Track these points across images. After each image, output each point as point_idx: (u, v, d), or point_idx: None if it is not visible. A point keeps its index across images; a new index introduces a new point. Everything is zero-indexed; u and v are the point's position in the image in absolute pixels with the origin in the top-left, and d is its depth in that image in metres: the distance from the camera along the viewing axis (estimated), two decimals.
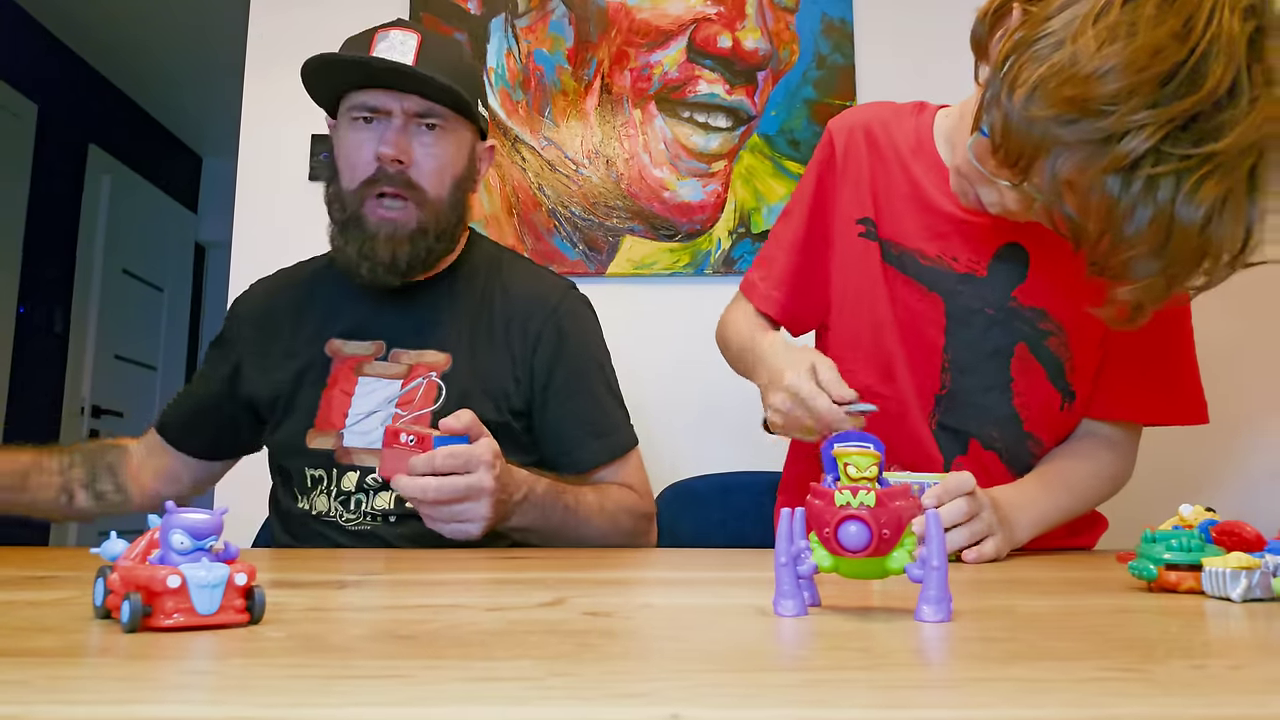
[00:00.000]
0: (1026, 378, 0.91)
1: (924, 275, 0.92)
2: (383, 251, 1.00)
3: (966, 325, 0.91)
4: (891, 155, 0.96)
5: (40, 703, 0.26)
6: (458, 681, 0.29)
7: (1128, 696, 0.28)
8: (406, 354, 1.05)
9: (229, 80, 2.43)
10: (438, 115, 1.02)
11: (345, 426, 1.03)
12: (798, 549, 0.43)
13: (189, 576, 0.37)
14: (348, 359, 1.06)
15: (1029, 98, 0.67)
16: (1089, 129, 0.65)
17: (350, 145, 1.02)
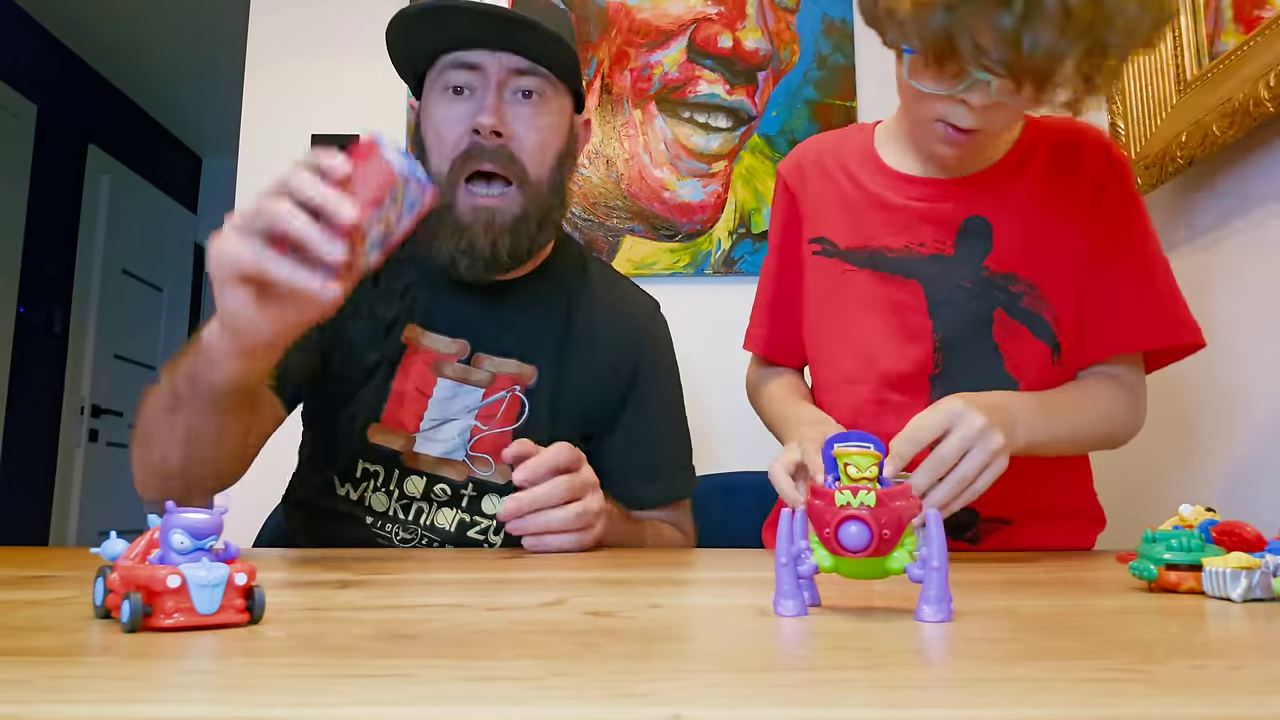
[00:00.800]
0: (1011, 340, 0.93)
1: (897, 266, 0.95)
2: (482, 243, 0.90)
3: (948, 303, 0.93)
4: (840, 173, 1.01)
5: (40, 702, 0.26)
6: (458, 681, 0.29)
7: (1128, 697, 0.28)
8: (490, 360, 0.96)
9: (229, 80, 2.43)
10: (539, 77, 0.91)
11: (419, 430, 0.95)
12: (798, 549, 0.43)
13: (189, 576, 0.37)
14: (424, 353, 0.96)
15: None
16: None
17: (439, 119, 0.91)
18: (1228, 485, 1.12)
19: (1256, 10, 1.06)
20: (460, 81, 0.91)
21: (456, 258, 0.91)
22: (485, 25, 0.88)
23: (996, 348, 0.93)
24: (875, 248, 0.96)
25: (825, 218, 1.00)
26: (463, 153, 0.90)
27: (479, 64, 0.90)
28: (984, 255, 0.93)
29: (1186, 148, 1.15)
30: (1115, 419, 0.94)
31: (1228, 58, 1.10)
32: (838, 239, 0.99)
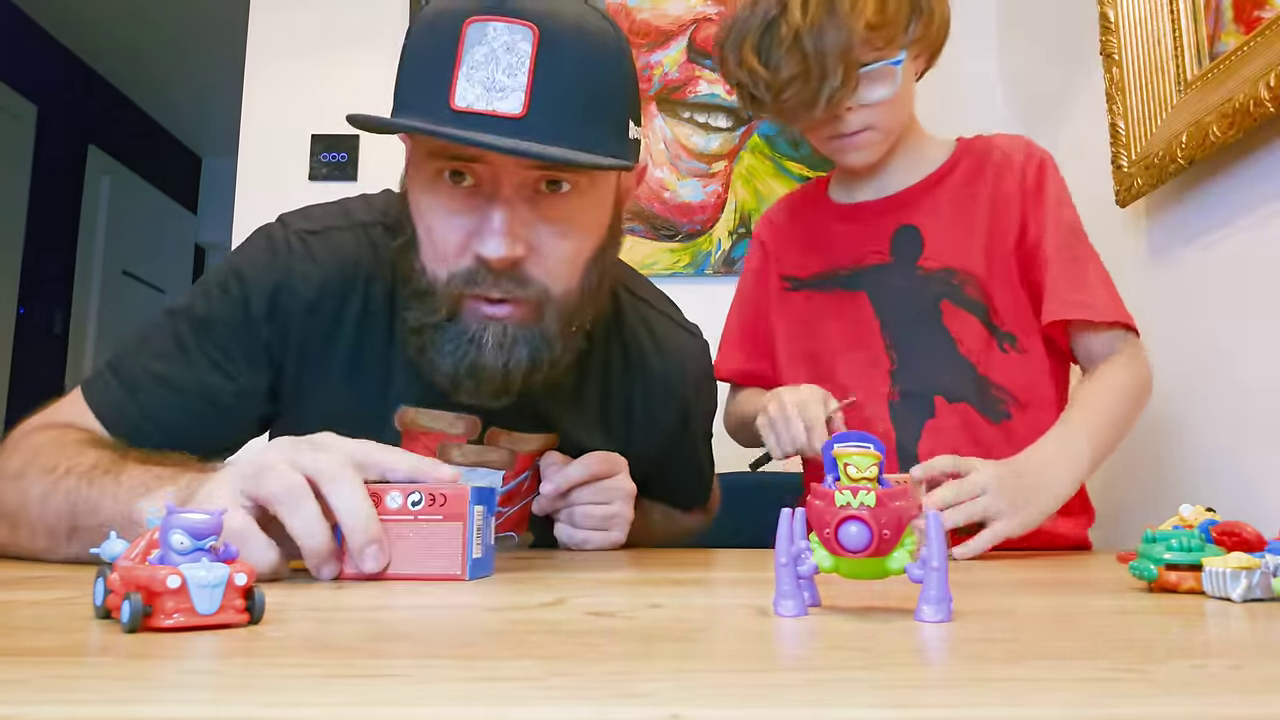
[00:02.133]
0: (960, 326, 1.01)
1: (847, 281, 1.07)
2: (491, 363, 0.71)
3: (892, 305, 1.04)
4: (797, 218, 1.16)
5: (40, 703, 0.26)
6: (458, 681, 0.29)
7: (1128, 697, 0.28)
8: (509, 436, 0.81)
9: (228, 81, 2.43)
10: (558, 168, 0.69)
11: None
12: (798, 549, 0.43)
13: (189, 576, 0.37)
14: (425, 436, 0.79)
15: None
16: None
17: (431, 215, 0.71)
18: (1228, 485, 1.12)
19: (1257, 11, 1.06)
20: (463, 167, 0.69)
21: (460, 379, 0.72)
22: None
23: (947, 331, 1.01)
24: (830, 269, 1.09)
25: (789, 258, 1.14)
26: (464, 273, 0.70)
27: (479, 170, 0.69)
28: (916, 257, 1.04)
29: (1186, 148, 1.15)
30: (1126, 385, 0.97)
31: (1228, 58, 1.10)
32: (800, 272, 1.12)
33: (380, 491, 0.58)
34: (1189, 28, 1.19)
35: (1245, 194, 1.10)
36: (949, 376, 1.01)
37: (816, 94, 0.93)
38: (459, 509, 0.59)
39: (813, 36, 0.91)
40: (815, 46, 0.91)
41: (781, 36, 0.93)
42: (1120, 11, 1.32)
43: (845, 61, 0.92)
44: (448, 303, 0.71)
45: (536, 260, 0.70)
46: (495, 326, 0.71)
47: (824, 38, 0.91)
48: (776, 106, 0.97)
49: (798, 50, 0.92)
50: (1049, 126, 1.64)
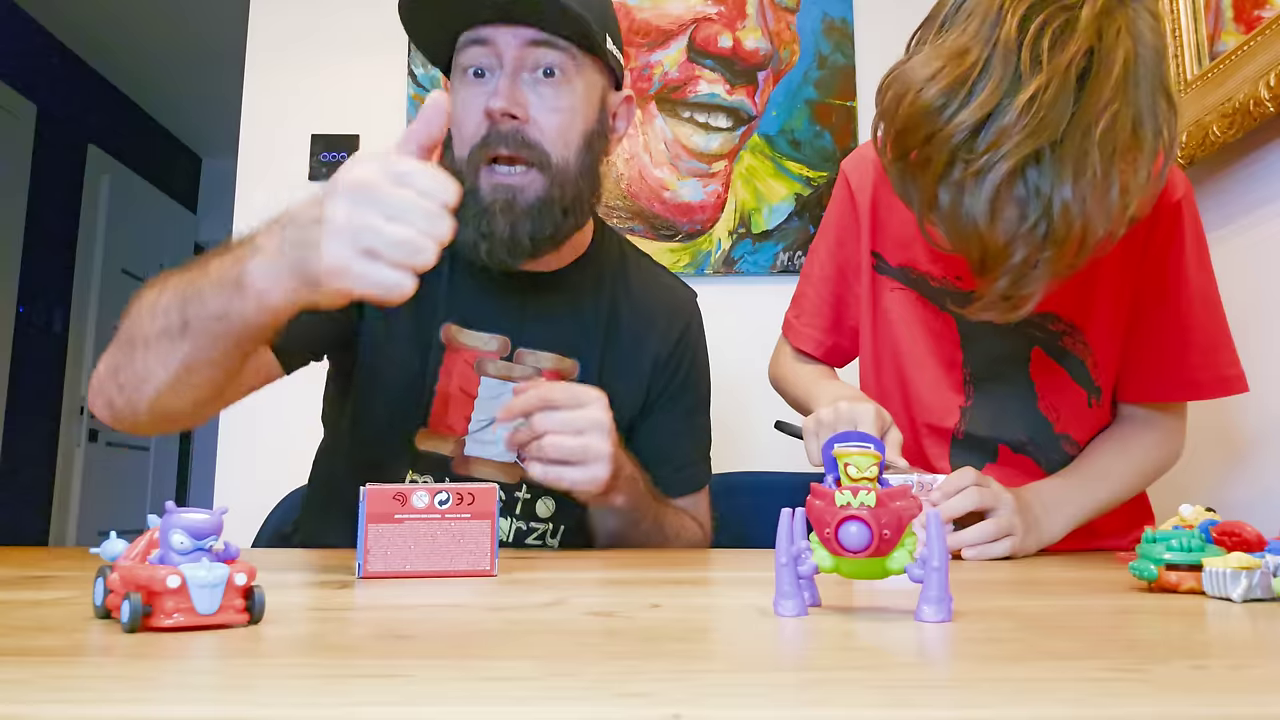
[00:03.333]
0: (1048, 379, 0.92)
1: (935, 297, 0.95)
2: (500, 226, 0.84)
3: (980, 341, 0.93)
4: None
5: (41, 702, 0.26)
6: (458, 682, 0.29)
7: (1129, 697, 0.28)
8: (533, 354, 0.93)
9: (229, 80, 2.43)
10: (559, 51, 0.85)
11: (468, 433, 0.91)
12: (798, 549, 0.43)
13: (189, 576, 0.37)
14: (465, 351, 0.92)
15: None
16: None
17: (458, 104, 0.87)
18: (1228, 485, 1.12)
19: (1256, 10, 1.06)
20: (478, 62, 0.86)
21: (477, 242, 0.85)
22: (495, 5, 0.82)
23: (1032, 386, 0.93)
24: (920, 272, 0.96)
25: (881, 232, 0.98)
26: (481, 139, 0.85)
27: (492, 40, 0.85)
28: None
29: (1187, 148, 1.15)
30: (1152, 466, 0.95)
31: (1228, 58, 1.10)
32: (889, 255, 0.98)
33: (407, 491, 0.60)
34: (1189, 27, 1.19)
35: (1245, 193, 1.10)
36: (1022, 429, 0.93)
37: (1036, 286, 0.72)
38: (487, 506, 0.60)
39: (1072, 202, 0.67)
40: (1076, 216, 0.67)
41: (1037, 186, 0.67)
42: None
43: (1079, 248, 0.70)
44: (468, 175, 0.85)
45: (535, 127, 0.85)
46: (504, 193, 0.85)
47: (1090, 220, 0.68)
48: (978, 267, 0.74)
49: (1047, 217, 0.68)
50: None
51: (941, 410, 0.95)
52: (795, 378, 1.04)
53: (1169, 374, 0.92)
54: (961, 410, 0.95)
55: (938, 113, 0.69)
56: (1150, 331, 0.91)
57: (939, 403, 0.95)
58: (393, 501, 0.60)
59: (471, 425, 0.92)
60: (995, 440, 0.94)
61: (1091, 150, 0.66)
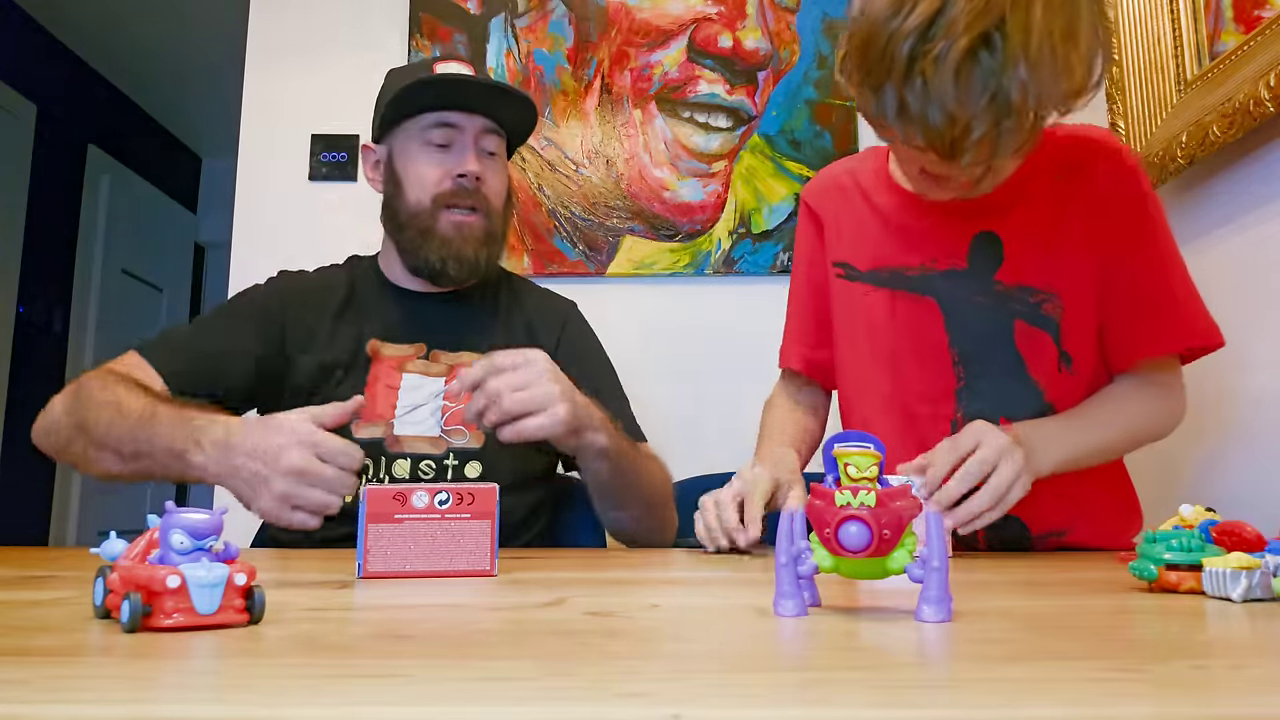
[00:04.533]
0: (1033, 347, 0.94)
1: (914, 284, 0.98)
2: (467, 252, 1.11)
3: (964, 319, 0.95)
4: (859, 196, 1.04)
5: (40, 702, 0.26)
6: (458, 681, 0.29)
7: (1128, 696, 0.28)
8: (445, 355, 1.13)
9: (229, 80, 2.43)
10: (499, 137, 1.15)
11: (395, 416, 1.08)
12: (798, 549, 0.43)
13: (189, 576, 0.37)
14: (388, 359, 1.12)
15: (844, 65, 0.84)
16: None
17: (423, 163, 1.12)
18: (1228, 485, 1.12)
19: (1257, 10, 1.06)
20: (441, 139, 1.12)
21: (447, 263, 1.11)
22: (473, 95, 1.10)
23: (1019, 356, 0.94)
24: (893, 267, 0.99)
25: (845, 241, 1.04)
26: (448, 191, 1.11)
27: (459, 124, 1.12)
28: (995, 269, 0.95)
29: (1187, 148, 1.15)
30: (1150, 418, 0.96)
31: (1228, 58, 1.10)
32: (857, 262, 1.02)
33: (407, 492, 0.60)
34: (1189, 27, 1.19)
35: (1245, 193, 1.10)
36: (1017, 400, 0.94)
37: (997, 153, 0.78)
38: (488, 506, 0.61)
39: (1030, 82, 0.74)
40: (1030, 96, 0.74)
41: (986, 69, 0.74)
42: (1120, 11, 1.32)
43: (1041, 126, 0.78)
44: (430, 218, 1.11)
45: (487, 186, 1.13)
46: (465, 229, 1.12)
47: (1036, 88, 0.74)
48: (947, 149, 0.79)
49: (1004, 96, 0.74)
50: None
51: (937, 397, 0.96)
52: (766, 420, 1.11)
53: (1152, 327, 0.94)
54: (956, 393, 0.96)
55: (890, 20, 0.77)
56: (1127, 290, 0.94)
57: (934, 390, 0.97)
58: (392, 501, 0.60)
59: (398, 410, 1.08)
60: (995, 416, 0.93)
61: (1035, 30, 0.74)
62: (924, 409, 0.97)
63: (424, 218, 1.11)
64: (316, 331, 1.13)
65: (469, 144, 1.12)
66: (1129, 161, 0.94)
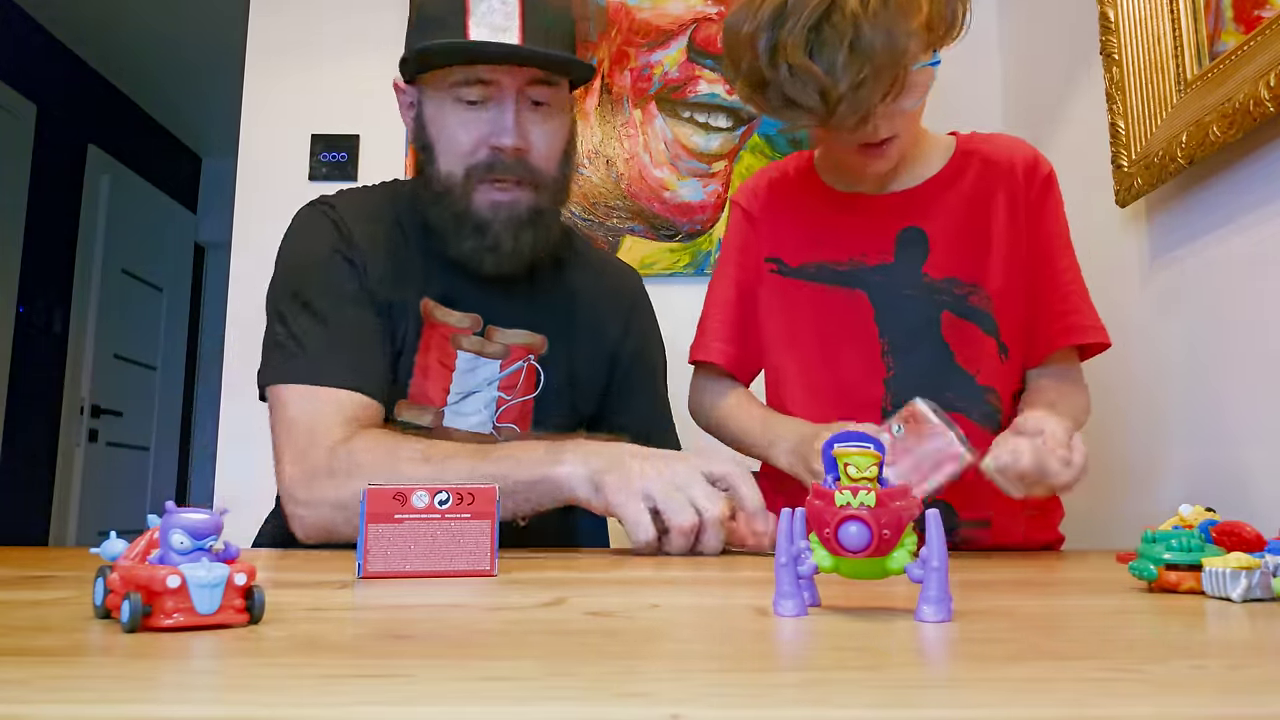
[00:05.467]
0: (961, 337, 0.99)
1: (843, 279, 1.02)
2: (505, 239, 0.94)
3: (892, 309, 1.00)
4: (789, 195, 1.08)
5: (40, 702, 0.26)
6: (458, 682, 0.29)
7: (1128, 697, 0.28)
8: (502, 332, 1.00)
9: (229, 80, 2.43)
10: (551, 86, 0.95)
11: (447, 404, 0.96)
12: (798, 549, 0.43)
13: (189, 576, 0.37)
14: (440, 326, 0.98)
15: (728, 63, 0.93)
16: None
17: (454, 126, 0.94)
18: (1228, 485, 1.12)
19: (1257, 10, 1.06)
20: (476, 96, 0.93)
21: (482, 255, 0.95)
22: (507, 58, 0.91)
23: (947, 346, 0.99)
24: (823, 261, 1.03)
25: (778, 237, 1.07)
26: (483, 163, 0.93)
27: (495, 79, 0.92)
28: (921, 262, 1.00)
29: (1186, 148, 1.15)
30: (1083, 410, 1.01)
31: (1228, 58, 1.10)
32: (788, 257, 1.05)
33: (407, 491, 0.60)
34: (1189, 27, 1.18)
35: (1245, 194, 1.10)
36: (946, 386, 0.97)
37: (871, 100, 0.84)
38: (487, 507, 0.61)
39: (873, 33, 0.82)
40: (875, 46, 0.82)
41: (835, 35, 0.82)
42: (1120, 11, 1.32)
43: (901, 65, 0.84)
44: (463, 195, 0.94)
45: (534, 154, 0.95)
46: (504, 210, 0.94)
47: (880, 36, 0.82)
48: (826, 112, 0.86)
49: (858, 55, 0.82)
50: (1049, 126, 1.64)
51: (867, 386, 1.00)
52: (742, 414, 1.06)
53: (1073, 319, 0.99)
54: (885, 383, 0.99)
55: (744, 24, 0.88)
56: (1047, 283, 1.00)
57: (863, 379, 1.00)
58: (392, 501, 0.60)
59: (450, 397, 0.97)
60: None
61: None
62: (854, 398, 1.00)
63: (456, 195, 0.94)
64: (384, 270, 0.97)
65: (509, 102, 0.93)
66: (1045, 166, 1.03)
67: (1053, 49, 1.67)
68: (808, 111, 0.87)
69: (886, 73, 0.84)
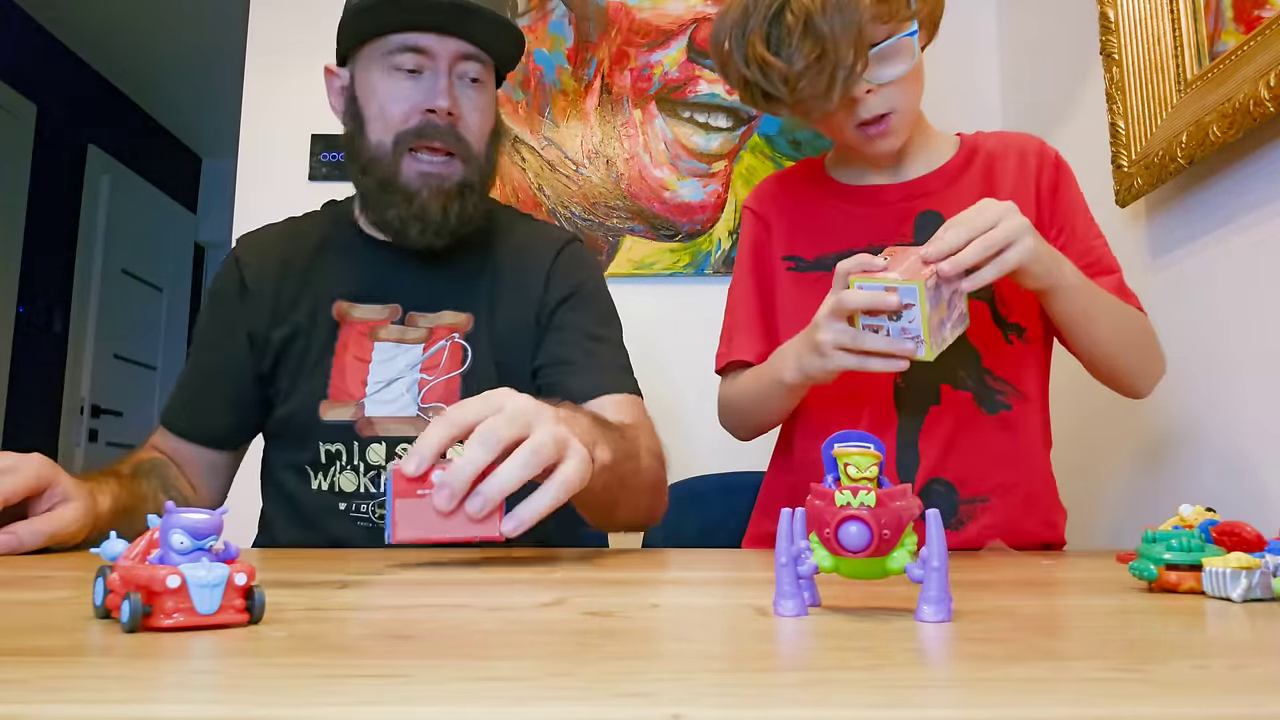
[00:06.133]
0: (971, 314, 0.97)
1: None
2: (433, 208, 0.95)
3: None
4: (802, 196, 1.11)
5: (40, 702, 0.26)
6: (458, 681, 0.29)
7: (1128, 697, 0.28)
8: (424, 316, 1.00)
9: (228, 80, 2.43)
10: (481, 63, 0.98)
11: (366, 395, 0.97)
12: (798, 549, 0.43)
13: (189, 576, 0.37)
14: (358, 324, 1.00)
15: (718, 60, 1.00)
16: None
17: (386, 95, 0.96)
18: (1228, 485, 1.12)
19: (1257, 10, 1.06)
20: (410, 64, 0.96)
21: (408, 223, 0.96)
22: (441, 12, 0.94)
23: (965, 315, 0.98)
24: (840, 251, 1.01)
25: (793, 236, 1.08)
26: (414, 129, 0.95)
27: (429, 49, 0.95)
28: None
29: (1187, 148, 1.15)
30: (1131, 327, 0.96)
31: (1228, 57, 1.10)
32: (805, 253, 1.06)
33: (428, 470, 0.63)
34: (1189, 27, 1.18)
35: (1245, 193, 1.10)
36: (960, 367, 0.99)
37: (832, 80, 0.90)
38: None
39: (825, 19, 0.88)
40: (828, 29, 0.88)
41: (790, 24, 0.90)
42: (1120, 11, 1.32)
43: (856, 43, 0.89)
44: (392, 163, 0.95)
45: (464, 125, 0.97)
46: (434, 180, 0.95)
47: (834, 19, 0.88)
48: (793, 98, 0.93)
49: (810, 35, 0.89)
50: (1049, 126, 1.64)
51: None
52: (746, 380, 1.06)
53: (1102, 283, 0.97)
54: None
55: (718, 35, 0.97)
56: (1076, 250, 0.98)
57: None
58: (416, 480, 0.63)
59: (369, 388, 0.97)
60: (936, 382, 0.98)
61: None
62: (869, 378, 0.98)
63: (385, 163, 0.96)
64: (280, 297, 1.01)
65: (443, 70, 0.96)
66: (1053, 151, 1.05)
67: (1053, 49, 1.67)
68: (780, 101, 0.94)
69: (844, 49, 0.89)
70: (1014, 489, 0.98)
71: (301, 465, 0.98)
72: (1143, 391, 1.00)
